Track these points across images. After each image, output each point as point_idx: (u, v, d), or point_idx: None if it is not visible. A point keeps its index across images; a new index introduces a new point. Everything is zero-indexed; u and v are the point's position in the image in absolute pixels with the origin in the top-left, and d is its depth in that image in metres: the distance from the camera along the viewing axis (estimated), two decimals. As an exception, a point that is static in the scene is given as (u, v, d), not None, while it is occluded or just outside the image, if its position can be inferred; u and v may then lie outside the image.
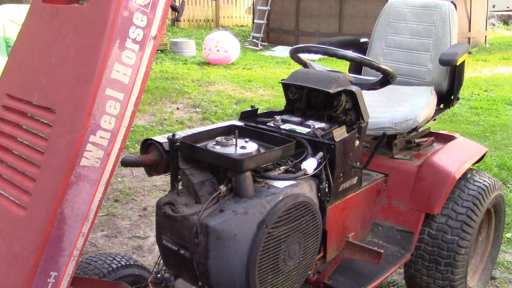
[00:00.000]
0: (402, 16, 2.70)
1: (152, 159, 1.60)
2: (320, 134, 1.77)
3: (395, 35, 2.72)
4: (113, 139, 1.15)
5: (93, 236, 3.08)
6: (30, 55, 1.29)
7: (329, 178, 1.75)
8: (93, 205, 1.15)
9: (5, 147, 1.27)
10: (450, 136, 2.61)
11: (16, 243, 1.14)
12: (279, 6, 12.42)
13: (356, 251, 1.83)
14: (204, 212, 1.45)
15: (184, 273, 1.56)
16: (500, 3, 17.83)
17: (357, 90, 1.85)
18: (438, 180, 2.17)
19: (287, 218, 1.51)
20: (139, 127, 5.31)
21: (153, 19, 1.16)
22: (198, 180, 1.52)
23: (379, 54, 2.73)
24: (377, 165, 2.24)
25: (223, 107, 6.26)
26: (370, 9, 10.71)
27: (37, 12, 1.33)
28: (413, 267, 2.26)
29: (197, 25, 15.83)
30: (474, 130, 5.49)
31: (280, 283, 1.56)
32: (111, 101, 1.13)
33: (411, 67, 2.64)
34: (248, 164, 1.48)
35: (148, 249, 2.99)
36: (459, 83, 2.51)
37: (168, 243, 1.54)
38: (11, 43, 6.25)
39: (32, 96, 1.22)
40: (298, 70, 2.04)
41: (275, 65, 9.71)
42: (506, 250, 3.06)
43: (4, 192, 1.22)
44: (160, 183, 3.93)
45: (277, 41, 12.45)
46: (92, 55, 1.11)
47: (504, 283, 2.73)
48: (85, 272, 1.80)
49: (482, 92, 7.41)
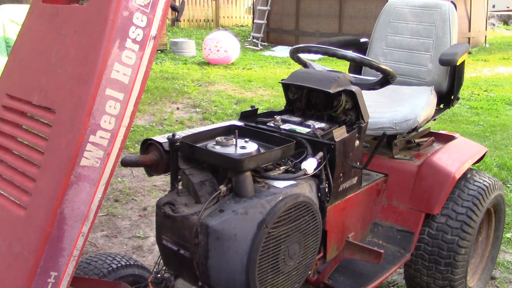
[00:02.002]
0: (402, 16, 2.70)
1: (152, 159, 1.60)
2: (320, 134, 1.77)
3: (395, 35, 2.72)
4: (113, 139, 1.15)
5: (93, 236, 3.08)
6: (30, 55, 1.29)
7: (329, 178, 1.75)
8: (93, 205, 1.15)
9: (5, 147, 1.27)
10: (450, 136, 2.61)
11: (16, 243, 1.14)
12: (279, 6, 12.42)
13: (356, 251, 1.83)
14: (204, 212, 1.45)
15: (184, 273, 1.56)
16: (500, 3, 17.84)
17: (357, 90, 1.85)
18: (438, 180, 2.17)
19: (287, 218, 1.51)
20: (139, 127, 5.31)
21: (153, 19, 1.17)
22: (198, 180, 1.52)
23: (379, 54, 2.73)
24: (377, 165, 2.24)
25: (223, 107, 6.26)
26: (370, 9, 10.71)
27: (37, 12, 1.33)
28: (413, 267, 2.26)
29: (197, 25, 15.82)
30: (474, 130, 5.49)
31: (280, 283, 1.56)
32: (111, 101, 1.13)
33: (411, 67, 2.64)
34: (248, 164, 1.48)
35: (148, 249, 2.99)
36: (459, 83, 2.51)
37: (168, 243, 1.54)
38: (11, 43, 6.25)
39: (32, 96, 1.22)
40: (298, 70, 2.04)
41: (275, 65, 9.71)
42: (506, 250, 3.06)
43: (4, 192, 1.22)
44: (160, 183, 3.93)
45: (277, 41, 12.45)
46: (92, 55, 1.11)
47: (504, 283, 2.73)
48: (85, 272, 1.80)
49: (482, 92, 7.41)
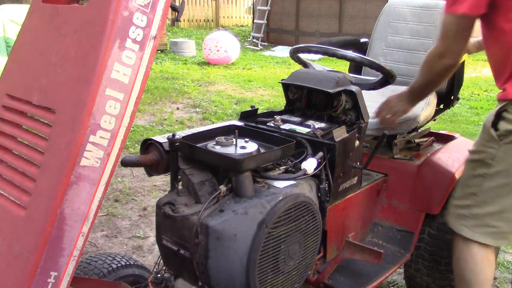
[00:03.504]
0: (402, 16, 2.70)
1: (152, 159, 1.60)
2: (320, 134, 1.77)
3: (395, 35, 2.71)
4: (113, 139, 1.15)
5: (93, 236, 3.08)
6: (30, 55, 1.29)
7: (329, 178, 1.75)
8: (93, 205, 1.15)
9: (5, 147, 1.27)
10: (450, 136, 2.61)
11: (16, 243, 1.14)
12: (279, 6, 12.42)
13: (356, 251, 1.83)
14: (204, 212, 1.45)
15: (184, 273, 1.56)
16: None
17: (357, 90, 1.86)
18: (438, 180, 2.17)
19: (287, 218, 1.51)
20: (139, 127, 5.31)
21: (153, 19, 1.16)
22: (198, 180, 1.52)
23: (379, 54, 2.73)
24: (377, 165, 2.24)
25: (223, 107, 6.26)
26: (370, 9, 10.71)
27: (37, 12, 1.33)
28: (413, 267, 2.26)
29: (197, 25, 15.83)
30: (474, 130, 5.50)
31: (280, 283, 1.56)
32: (111, 101, 1.13)
33: (411, 67, 2.63)
34: (248, 164, 1.48)
35: (148, 249, 2.99)
36: (459, 83, 2.51)
37: (168, 243, 1.54)
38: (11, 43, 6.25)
39: (32, 96, 1.22)
40: (298, 70, 2.04)
41: (275, 65, 9.71)
42: (506, 250, 3.06)
43: (4, 192, 1.22)
44: (160, 183, 3.93)
45: (277, 41, 12.46)
46: (92, 55, 1.11)
47: (504, 283, 2.73)
48: (85, 272, 1.79)
49: (482, 92, 7.41)
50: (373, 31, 2.80)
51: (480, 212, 1.81)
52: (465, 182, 1.89)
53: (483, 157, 1.79)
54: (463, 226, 1.86)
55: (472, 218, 1.84)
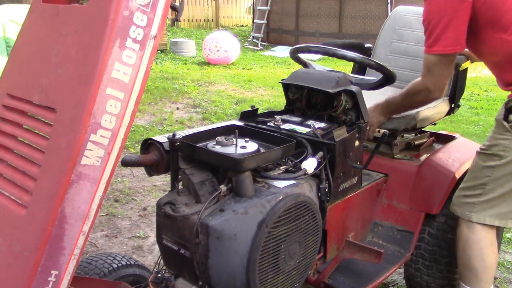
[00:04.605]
0: (408, 23, 2.71)
1: (152, 159, 1.60)
2: (320, 134, 1.77)
3: (400, 42, 2.72)
4: (114, 138, 1.15)
5: (93, 236, 3.08)
6: (31, 55, 1.29)
7: (329, 178, 1.75)
8: (93, 204, 1.15)
9: (5, 147, 1.28)
10: (450, 136, 2.62)
11: (16, 242, 1.14)
12: (279, 6, 12.42)
13: (356, 251, 1.84)
14: (204, 212, 1.45)
15: (185, 273, 1.57)
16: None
17: (357, 90, 1.86)
18: (438, 180, 2.17)
19: (287, 218, 1.51)
20: (139, 127, 5.31)
21: (153, 19, 1.17)
22: (198, 180, 1.52)
23: (383, 60, 2.73)
24: (377, 165, 2.25)
25: (223, 107, 6.26)
26: (370, 9, 10.70)
27: (37, 12, 1.33)
28: (413, 267, 2.26)
29: (197, 25, 15.84)
30: (474, 130, 5.50)
31: (280, 282, 1.56)
32: (111, 100, 1.13)
33: (415, 74, 2.63)
34: (248, 164, 1.48)
35: (148, 249, 3.00)
36: (461, 90, 2.53)
37: (169, 243, 1.54)
38: (11, 43, 6.26)
39: (33, 95, 1.22)
40: (298, 70, 2.04)
41: (275, 65, 9.71)
42: (506, 250, 3.07)
43: (5, 191, 1.22)
44: (160, 183, 3.93)
45: (277, 41, 12.46)
46: (93, 54, 1.11)
47: (504, 283, 2.73)
48: (86, 272, 1.80)
49: (482, 92, 7.42)
50: (378, 37, 2.81)
51: (489, 197, 1.89)
52: (474, 174, 1.95)
53: (495, 150, 1.86)
54: (471, 213, 1.93)
55: (480, 204, 1.91)
